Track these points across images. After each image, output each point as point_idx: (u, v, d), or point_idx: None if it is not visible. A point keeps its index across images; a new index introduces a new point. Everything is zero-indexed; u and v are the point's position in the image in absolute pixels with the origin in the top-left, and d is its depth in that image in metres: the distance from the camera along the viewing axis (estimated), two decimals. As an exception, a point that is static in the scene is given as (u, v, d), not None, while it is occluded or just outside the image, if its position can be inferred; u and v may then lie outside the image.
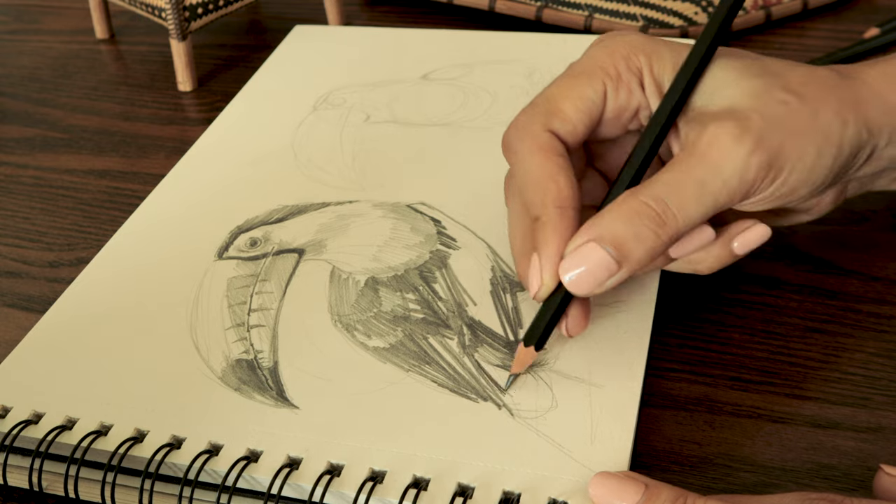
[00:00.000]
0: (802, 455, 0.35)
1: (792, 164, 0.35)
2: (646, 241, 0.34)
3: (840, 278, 0.42)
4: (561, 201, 0.36)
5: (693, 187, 0.34)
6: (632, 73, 0.38)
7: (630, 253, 0.34)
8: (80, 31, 0.70)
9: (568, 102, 0.37)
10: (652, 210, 0.34)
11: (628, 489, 0.31)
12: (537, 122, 0.37)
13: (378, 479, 0.33)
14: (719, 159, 0.34)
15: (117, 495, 0.35)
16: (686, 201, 0.34)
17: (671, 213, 0.34)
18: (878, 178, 0.40)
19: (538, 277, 0.35)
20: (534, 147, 0.37)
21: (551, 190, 0.36)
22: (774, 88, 0.36)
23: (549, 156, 0.36)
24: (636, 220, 0.34)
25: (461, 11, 0.67)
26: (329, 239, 0.44)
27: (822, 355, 0.38)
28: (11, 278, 0.46)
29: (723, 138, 0.34)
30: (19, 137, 0.58)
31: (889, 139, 0.37)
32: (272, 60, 0.60)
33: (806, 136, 0.35)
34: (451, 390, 0.37)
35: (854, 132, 0.36)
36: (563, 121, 0.37)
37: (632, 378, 0.37)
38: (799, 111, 0.35)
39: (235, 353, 0.39)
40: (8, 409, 0.37)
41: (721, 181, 0.34)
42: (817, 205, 0.39)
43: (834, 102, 0.36)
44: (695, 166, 0.34)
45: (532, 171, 0.37)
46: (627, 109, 0.38)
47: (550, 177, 0.36)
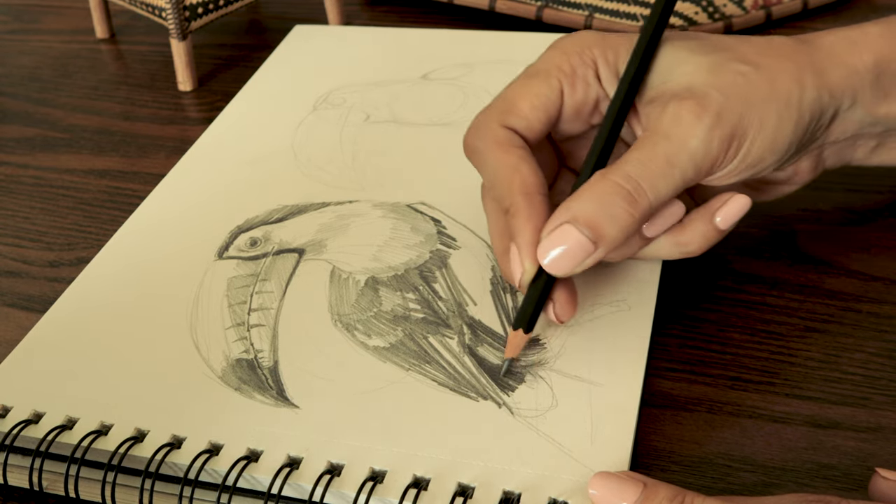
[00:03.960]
0: (802, 455, 0.35)
1: (754, 133, 0.36)
2: (619, 219, 0.34)
3: (840, 278, 0.42)
4: (526, 188, 0.36)
5: (660, 164, 0.35)
6: (587, 67, 0.39)
7: (605, 232, 0.34)
8: (80, 31, 0.70)
9: (523, 100, 0.38)
10: (623, 189, 0.34)
11: (627, 488, 0.31)
12: (494, 119, 0.38)
13: (378, 478, 0.33)
14: (683, 136, 0.35)
15: (117, 495, 0.35)
16: (655, 178, 0.35)
17: (642, 190, 0.35)
18: (853, 147, 0.41)
19: (518, 265, 0.36)
20: (492, 143, 0.38)
21: (515, 180, 0.37)
22: (730, 61, 0.37)
23: (509, 149, 0.37)
24: (608, 199, 0.34)
25: (461, 11, 0.67)
26: (329, 239, 0.44)
27: (822, 355, 0.38)
28: (11, 278, 0.46)
29: (684, 116, 0.35)
30: (19, 137, 0.58)
31: (852, 101, 0.38)
32: (272, 60, 0.60)
33: (765, 103, 0.36)
34: (451, 389, 0.37)
35: (814, 96, 0.37)
36: (519, 117, 0.38)
37: (632, 378, 0.37)
38: (756, 80, 0.36)
39: (235, 353, 0.39)
40: (8, 409, 0.37)
41: (686, 156, 0.35)
42: (795, 174, 0.40)
43: (791, 68, 0.37)
44: (660, 143, 0.35)
45: (495, 165, 0.38)
46: (587, 103, 0.39)
47: (513, 167, 0.37)
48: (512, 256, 0.36)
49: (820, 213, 0.45)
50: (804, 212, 0.46)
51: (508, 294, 0.41)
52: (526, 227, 0.36)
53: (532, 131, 0.38)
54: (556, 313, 0.37)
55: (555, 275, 0.36)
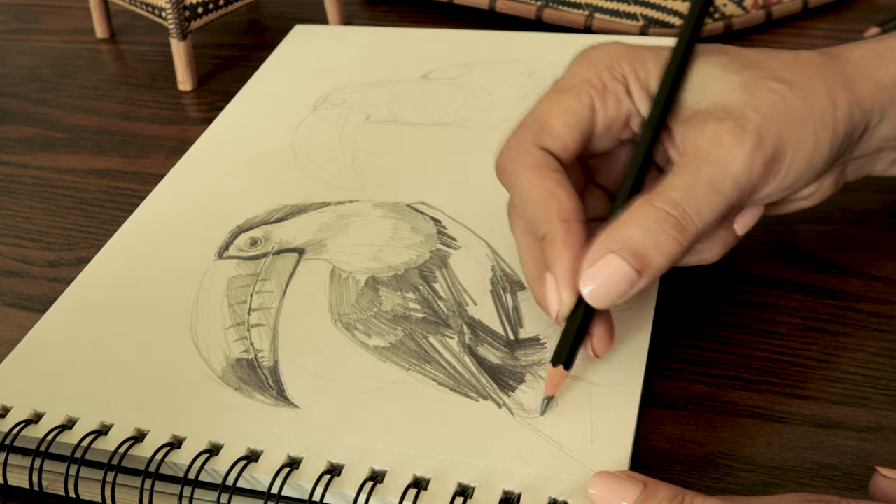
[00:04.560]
0: (802, 455, 0.35)
1: (793, 153, 0.35)
2: (666, 247, 0.34)
3: (840, 278, 0.42)
4: (564, 215, 0.35)
5: (705, 190, 0.34)
6: (617, 82, 0.38)
7: (651, 261, 0.33)
8: (80, 31, 0.70)
9: (556, 119, 0.37)
10: (671, 216, 0.34)
11: (627, 488, 0.31)
12: (528, 140, 0.37)
13: (378, 478, 0.33)
14: (725, 159, 0.34)
15: (117, 495, 0.35)
16: (701, 204, 0.34)
17: (689, 217, 0.34)
18: (875, 160, 0.40)
19: (556, 296, 0.35)
20: (527, 166, 0.36)
21: (553, 205, 0.35)
22: (763, 79, 0.36)
23: (545, 172, 0.36)
24: (655, 227, 0.33)
25: (461, 11, 0.67)
26: (329, 238, 0.44)
27: (822, 355, 0.38)
28: (11, 278, 0.46)
29: (725, 138, 0.34)
30: (19, 137, 0.58)
31: (881, 116, 0.37)
32: (272, 60, 0.60)
33: (801, 123, 0.35)
34: (451, 389, 0.37)
35: (846, 112, 0.36)
36: (554, 136, 0.37)
37: (632, 378, 0.37)
38: (791, 99, 0.36)
39: (236, 353, 0.39)
40: (8, 409, 0.37)
41: (731, 181, 0.34)
42: (818, 189, 0.39)
43: (823, 84, 0.36)
44: (703, 168, 0.34)
45: (530, 189, 0.36)
46: (618, 119, 0.38)
47: (550, 192, 0.36)
48: (548, 284, 0.35)
49: (820, 213, 0.45)
50: (804, 212, 0.45)
51: (508, 294, 0.41)
52: (564, 254, 0.34)
53: (566, 151, 0.37)
54: (594, 347, 0.36)
55: (596, 307, 0.34)
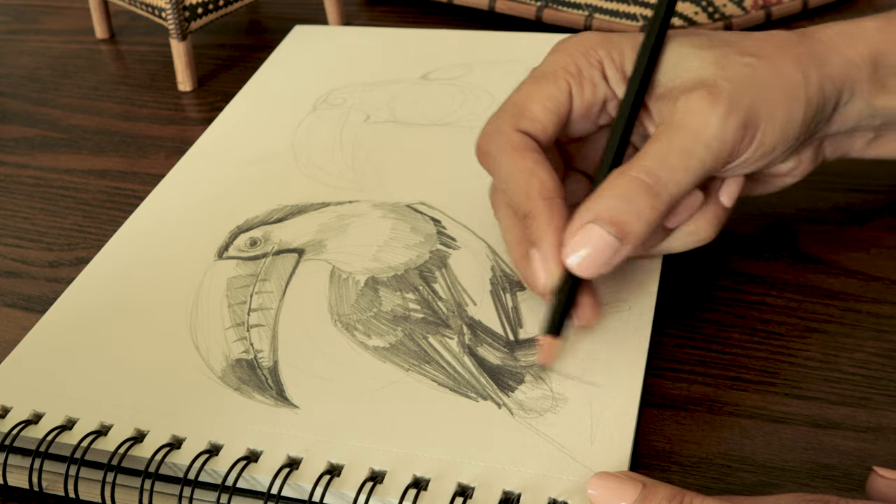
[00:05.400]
0: (802, 455, 0.35)
1: (766, 121, 0.36)
2: (643, 214, 0.34)
3: (840, 278, 0.42)
4: (546, 192, 0.36)
5: (679, 156, 0.35)
6: (593, 68, 0.39)
7: (630, 228, 0.34)
8: (80, 31, 0.70)
9: (535, 103, 0.38)
10: (644, 183, 0.34)
11: (626, 488, 0.31)
12: (507, 124, 0.38)
13: (378, 479, 0.33)
14: (698, 125, 0.35)
15: (117, 495, 0.35)
16: (675, 170, 0.35)
17: (663, 183, 0.35)
18: (851, 139, 0.41)
19: (543, 270, 0.36)
20: (507, 148, 0.37)
21: (534, 184, 0.36)
22: (734, 54, 0.37)
23: (525, 153, 0.37)
24: (631, 195, 0.34)
25: (461, 11, 0.67)
26: (329, 239, 0.44)
27: (822, 355, 0.38)
28: (11, 278, 0.46)
29: (697, 106, 0.35)
30: (19, 137, 0.58)
31: (851, 92, 0.38)
32: (272, 60, 0.60)
33: (773, 92, 0.36)
34: (451, 390, 0.37)
35: (817, 86, 0.37)
36: (532, 120, 0.38)
37: (632, 378, 0.37)
38: (762, 70, 0.36)
39: (235, 353, 0.39)
40: (8, 409, 0.37)
41: (703, 146, 0.35)
42: (797, 166, 0.40)
43: (794, 59, 0.37)
44: (675, 136, 0.35)
45: (511, 170, 0.37)
46: (595, 103, 0.39)
47: (530, 172, 0.37)
48: (533, 261, 0.36)
49: (820, 213, 0.45)
50: (804, 212, 0.46)
51: (508, 294, 0.41)
52: (547, 229, 0.36)
53: (545, 134, 0.38)
54: (584, 317, 0.37)
55: (582, 276, 0.35)
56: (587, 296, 0.37)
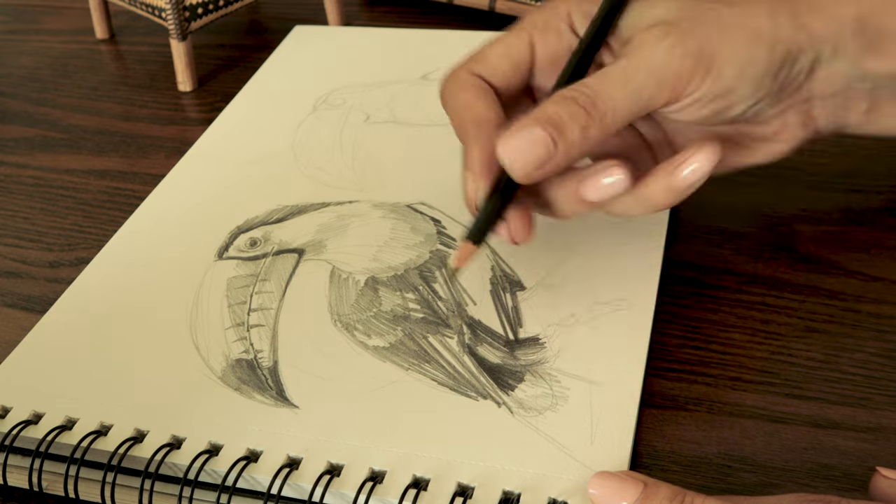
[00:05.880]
0: (802, 455, 0.35)
1: (723, 58, 0.36)
2: (579, 117, 0.34)
3: (840, 278, 0.42)
4: (477, 119, 0.37)
5: (619, 78, 0.35)
6: (559, 19, 0.39)
7: (564, 129, 0.34)
8: (80, 31, 0.70)
9: (491, 51, 0.40)
10: (582, 94, 0.35)
11: (627, 488, 0.31)
12: (463, 70, 0.40)
13: (378, 479, 0.33)
14: (644, 55, 0.35)
15: (117, 495, 0.35)
16: (613, 93, 0.35)
17: (601, 98, 0.35)
18: (844, 108, 0.39)
19: (470, 185, 0.36)
20: (458, 88, 0.39)
21: (469, 112, 0.38)
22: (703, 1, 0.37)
23: (468, 88, 0.39)
24: (569, 102, 0.35)
25: (461, 11, 0.67)
26: (329, 239, 0.44)
27: (822, 355, 0.38)
28: (11, 278, 0.46)
29: (648, 38, 0.36)
30: (19, 137, 0.58)
31: (834, 49, 0.37)
32: (272, 60, 0.60)
33: (734, 30, 0.36)
34: (450, 389, 0.37)
35: (789, 31, 0.36)
36: (486, 64, 0.39)
37: (632, 378, 0.37)
38: (726, 13, 0.36)
39: (235, 353, 0.39)
40: (8, 409, 0.37)
41: (646, 73, 0.35)
42: (782, 130, 0.39)
43: (766, 7, 0.37)
44: (620, 61, 0.36)
45: (455, 105, 0.39)
46: (560, 51, 0.39)
47: (467, 104, 0.38)
48: (465, 181, 0.37)
49: (820, 213, 0.45)
50: (804, 212, 0.46)
51: (508, 294, 0.41)
52: (474, 149, 0.37)
53: (497, 77, 0.39)
54: (512, 233, 0.37)
55: (516, 177, 0.35)
56: (518, 214, 0.37)
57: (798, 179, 0.48)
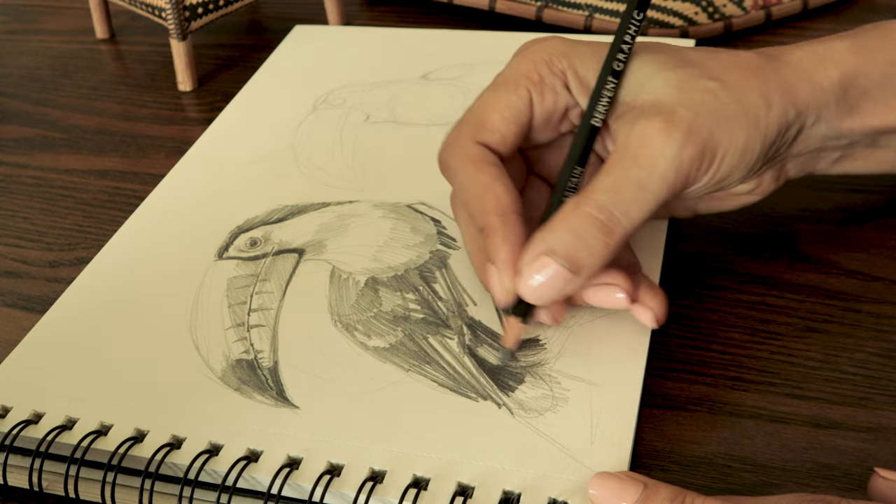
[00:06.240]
0: (802, 455, 0.35)
1: (723, 150, 0.36)
2: (595, 249, 0.34)
3: (840, 278, 0.42)
4: (500, 208, 0.36)
5: (632, 190, 0.35)
6: (555, 76, 0.39)
7: (583, 263, 0.35)
8: (80, 31, 0.70)
9: (494, 113, 0.38)
10: (598, 220, 0.34)
11: (627, 489, 0.31)
12: (466, 136, 0.38)
13: (378, 478, 0.33)
14: (653, 157, 0.35)
15: (117, 495, 0.35)
16: (628, 205, 0.35)
17: (616, 219, 0.35)
18: (816, 159, 0.41)
19: (498, 286, 0.36)
20: (465, 161, 0.38)
21: (489, 199, 0.36)
22: (697, 77, 0.37)
23: (482, 167, 0.37)
24: (584, 231, 0.34)
25: (461, 11, 0.67)
26: (329, 239, 0.44)
27: (822, 355, 0.38)
28: (11, 278, 0.46)
29: (653, 135, 0.35)
30: (19, 137, 0.58)
31: (817, 117, 0.38)
32: (272, 60, 0.60)
33: (733, 121, 0.36)
34: (451, 390, 0.37)
35: (779, 112, 0.37)
36: (492, 131, 0.38)
37: (632, 378, 0.37)
38: (723, 97, 0.36)
39: (235, 353, 0.39)
40: (8, 409, 0.37)
41: (658, 179, 0.35)
42: (757, 186, 0.40)
43: (758, 84, 0.37)
44: (630, 168, 0.35)
45: (468, 184, 0.37)
46: (556, 111, 0.39)
47: (486, 187, 0.37)
48: (491, 277, 0.36)
49: (820, 213, 0.45)
50: (804, 212, 0.46)
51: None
52: (502, 247, 0.36)
53: (505, 144, 0.38)
54: (555, 314, 0.37)
55: (536, 304, 0.36)
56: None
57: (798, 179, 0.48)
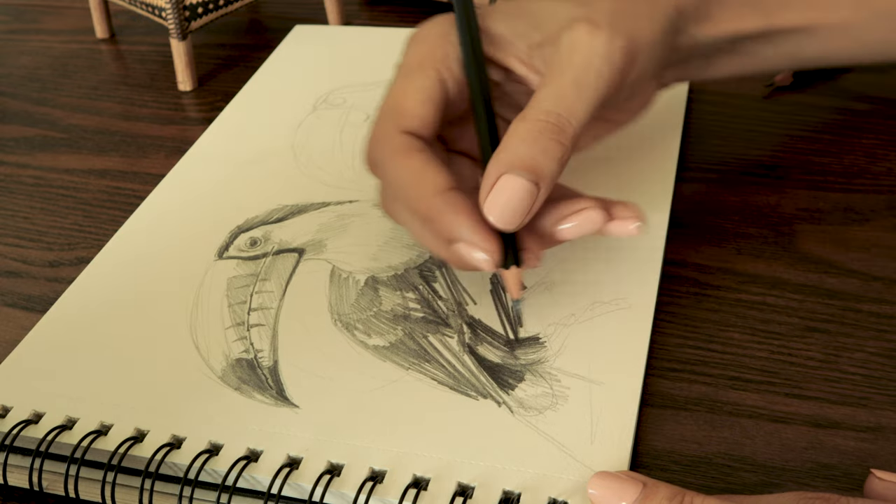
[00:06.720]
0: (802, 455, 0.35)
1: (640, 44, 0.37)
2: (552, 152, 0.35)
3: (840, 278, 0.42)
4: (439, 188, 0.35)
5: (573, 90, 0.35)
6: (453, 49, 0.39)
7: (542, 169, 0.34)
8: (80, 31, 0.70)
9: (409, 100, 0.37)
10: (548, 123, 0.35)
11: (626, 488, 0.31)
12: (388, 128, 0.37)
13: (378, 478, 0.33)
14: (587, 57, 0.36)
15: (117, 495, 0.35)
16: (573, 105, 0.35)
17: (564, 119, 0.35)
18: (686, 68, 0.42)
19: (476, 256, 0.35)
20: (393, 153, 0.37)
21: (426, 183, 0.35)
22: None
23: (411, 154, 0.36)
24: (537, 136, 0.35)
25: (461, 11, 0.67)
26: (329, 239, 0.44)
27: (822, 355, 0.38)
28: (11, 278, 0.46)
29: (580, 38, 0.36)
30: (19, 137, 0.58)
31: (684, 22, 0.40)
32: (272, 60, 0.60)
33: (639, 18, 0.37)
34: (451, 388, 0.37)
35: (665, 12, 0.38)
36: (411, 117, 0.37)
37: (632, 377, 0.37)
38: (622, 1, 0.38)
39: (235, 353, 0.39)
40: (8, 409, 0.37)
41: (595, 76, 0.36)
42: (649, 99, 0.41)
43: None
44: (566, 72, 0.36)
45: (401, 174, 0.36)
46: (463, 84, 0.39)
47: (420, 172, 0.36)
48: (464, 255, 0.35)
49: (820, 213, 0.45)
50: (804, 212, 0.46)
51: (508, 293, 0.41)
52: (459, 218, 0.35)
53: (427, 127, 0.37)
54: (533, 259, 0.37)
55: (505, 229, 0.35)
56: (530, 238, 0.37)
57: (798, 179, 0.48)
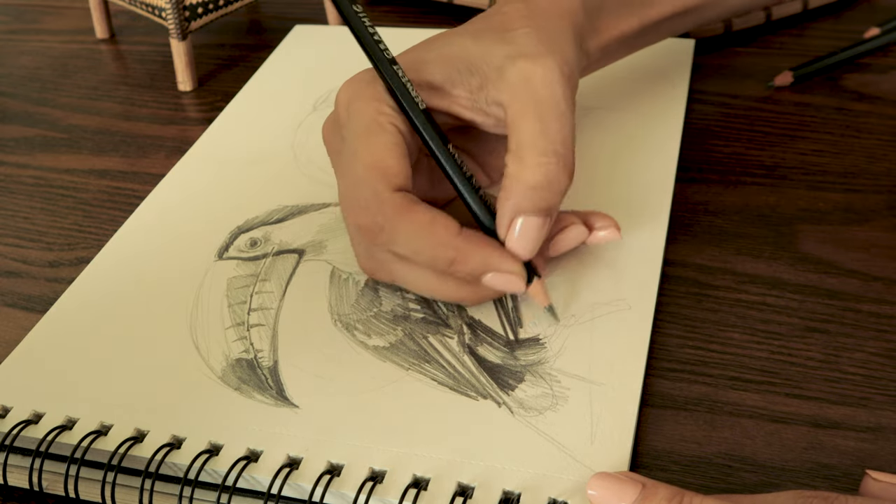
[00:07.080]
0: (802, 455, 0.35)
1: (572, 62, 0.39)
2: (560, 186, 0.37)
3: (840, 278, 0.42)
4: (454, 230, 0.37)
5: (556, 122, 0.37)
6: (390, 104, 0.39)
7: (554, 206, 0.37)
8: (80, 31, 0.70)
9: (389, 158, 0.37)
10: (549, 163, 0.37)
11: (626, 489, 0.31)
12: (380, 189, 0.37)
13: (378, 478, 0.33)
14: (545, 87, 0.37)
15: (117, 495, 0.35)
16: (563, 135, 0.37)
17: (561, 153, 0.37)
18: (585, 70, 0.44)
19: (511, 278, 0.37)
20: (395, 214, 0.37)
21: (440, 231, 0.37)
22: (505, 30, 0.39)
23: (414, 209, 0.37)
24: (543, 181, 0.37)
25: (461, 11, 0.67)
26: (329, 239, 0.44)
27: (822, 355, 0.38)
28: (11, 278, 0.46)
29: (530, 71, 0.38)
30: (19, 137, 0.58)
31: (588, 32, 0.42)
32: (272, 60, 0.60)
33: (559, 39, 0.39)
34: (450, 389, 0.37)
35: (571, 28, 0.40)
36: (397, 175, 0.37)
37: (632, 378, 0.37)
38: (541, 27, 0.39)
39: (235, 353, 0.39)
40: (8, 409, 0.37)
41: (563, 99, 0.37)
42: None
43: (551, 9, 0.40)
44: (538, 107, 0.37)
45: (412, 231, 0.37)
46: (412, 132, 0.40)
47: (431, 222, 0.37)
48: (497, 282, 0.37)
49: (820, 213, 0.45)
50: (804, 212, 0.46)
51: (508, 294, 0.41)
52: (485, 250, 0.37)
53: (409, 180, 0.38)
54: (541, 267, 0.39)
55: (526, 259, 0.37)
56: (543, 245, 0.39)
57: (798, 179, 0.48)
